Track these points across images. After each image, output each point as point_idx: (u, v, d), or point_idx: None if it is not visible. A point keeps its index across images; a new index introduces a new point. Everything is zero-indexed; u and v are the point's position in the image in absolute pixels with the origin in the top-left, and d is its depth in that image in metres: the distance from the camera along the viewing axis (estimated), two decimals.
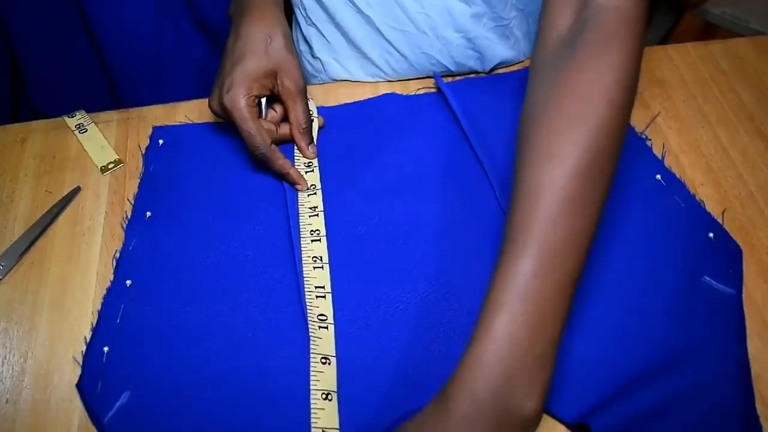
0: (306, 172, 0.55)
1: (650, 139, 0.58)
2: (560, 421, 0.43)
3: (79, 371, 0.45)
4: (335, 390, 0.44)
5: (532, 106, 0.43)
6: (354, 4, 0.59)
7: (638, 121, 0.59)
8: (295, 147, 0.57)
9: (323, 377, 0.44)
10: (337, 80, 0.64)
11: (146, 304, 0.48)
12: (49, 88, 0.68)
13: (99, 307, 0.48)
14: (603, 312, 0.48)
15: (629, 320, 0.47)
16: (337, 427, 0.42)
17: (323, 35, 0.63)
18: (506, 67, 0.64)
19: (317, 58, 0.64)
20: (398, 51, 0.60)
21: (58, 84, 0.69)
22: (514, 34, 0.62)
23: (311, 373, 0.44)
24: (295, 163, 0.55)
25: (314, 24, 0.63)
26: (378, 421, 0.43)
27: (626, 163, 0.56)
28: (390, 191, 0.55)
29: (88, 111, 0.60)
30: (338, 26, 0.61)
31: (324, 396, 0.43)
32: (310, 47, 0.65)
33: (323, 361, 0.45)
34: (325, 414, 0.43)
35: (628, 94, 0.41)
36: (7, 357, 0.46)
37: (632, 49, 0.41)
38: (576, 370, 0.45)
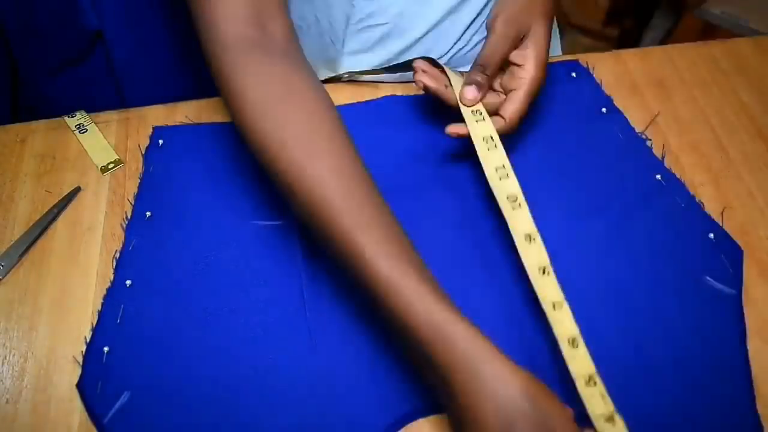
0: None
1: (650, 139, 0.58)
2: None
3: (79, 371, 0.45)
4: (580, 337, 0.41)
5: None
6: None
7: (638, 121, 0.59)
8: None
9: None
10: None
11: (146, 304, 0.48)
12: (50, 86, 0.68)
13: (99, 307, 0.48)
14: (603, 312, 0.48)
15: (629, 320, 0.47)
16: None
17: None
18: None
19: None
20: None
21: (60, 82, 0.69)
22: None
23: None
24: None
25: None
26: (376, 420, 0.43)
27: (626, 163, 0.56)
28: (391, 192, 0.55)
29: (88, 111, 0.60)
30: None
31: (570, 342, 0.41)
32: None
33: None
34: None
35: None
36: (7, 357, 0.46)
37: None
38: None
